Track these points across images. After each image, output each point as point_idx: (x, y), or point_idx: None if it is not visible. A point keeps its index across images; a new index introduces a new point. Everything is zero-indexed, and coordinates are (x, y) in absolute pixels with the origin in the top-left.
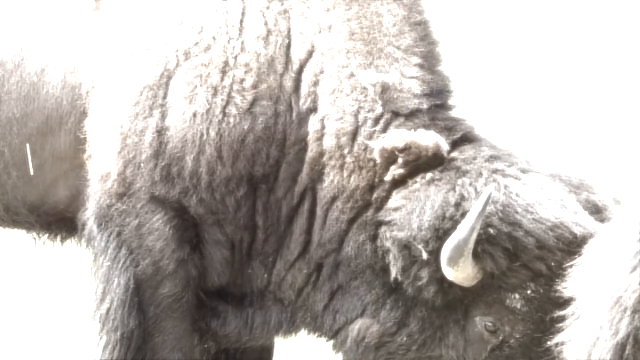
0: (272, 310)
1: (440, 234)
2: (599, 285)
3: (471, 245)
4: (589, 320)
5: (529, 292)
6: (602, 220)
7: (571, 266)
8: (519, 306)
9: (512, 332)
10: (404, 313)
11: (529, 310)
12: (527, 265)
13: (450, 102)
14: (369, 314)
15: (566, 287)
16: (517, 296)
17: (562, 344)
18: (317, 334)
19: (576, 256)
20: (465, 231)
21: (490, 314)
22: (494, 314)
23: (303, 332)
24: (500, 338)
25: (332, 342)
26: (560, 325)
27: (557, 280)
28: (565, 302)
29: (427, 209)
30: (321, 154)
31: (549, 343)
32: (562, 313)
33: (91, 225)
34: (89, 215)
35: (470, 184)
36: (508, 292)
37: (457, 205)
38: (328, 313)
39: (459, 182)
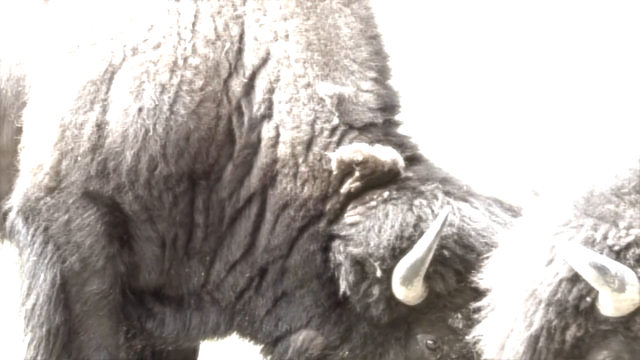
0: (210, 311)
1: (396, 253)
2: (515, 277)
3: (427, 264)
4: (504, 311)
5: (470, 312)
6: None
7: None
8: (460, 326)
9: (450, 351)
10: (347, 327)
11: (469, 330)
12: (472, 286)
13: (398, 117)
14: (314, 325)
15: (482, 278)
16: (460, 316)
17: (478, 336)
18: (250, 338)
19: None
20: (421, 251)
21: (432, 332)
22: (436, 332)
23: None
24: (438, 356)
25: (264, 347)
26: (477, 316)
27: None
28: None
29: (386, 228)
30: (274, 161)
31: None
32: (478, 304)
33: (14, 217)
34: (13, 206)
35: (427, 205)
36: (451, 312)
37: (415, 225)
38: (270, 319)
39: (416, 202)
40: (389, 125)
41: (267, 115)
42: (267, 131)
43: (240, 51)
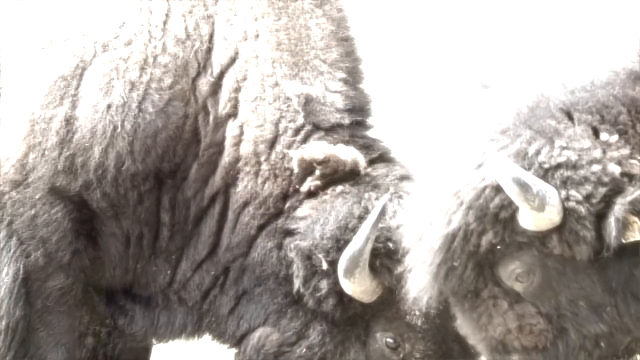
0: (177, 311)
1: (340, 245)
2: (443, 173)
3: (366, 255)
4: (427, 204)
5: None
6: None
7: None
8: (419, 323)
9: (412, 350)
10: (303, 324)
11: (430, 328)
12: None
13: (370, 120)
14: (270, 322)
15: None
16: (417, 312)
17: (400, 224)
18: (221, 341)
19: None
20: (360, 242)
21: (390, 330)
22: (395, 330)
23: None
24: (401, 356)
25: (234, 349)
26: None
27: None
28: None
29: (331, 219)
30: (237, 159)
31: None
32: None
33: None
34: None
35: (376, 198)
36: (407, 308)
37: (360, 217)
38: (233, 318)
39: (366, 195)
40: (357, 126)
41: (233, 114)
42: (231, 130)
43: (209, 50)
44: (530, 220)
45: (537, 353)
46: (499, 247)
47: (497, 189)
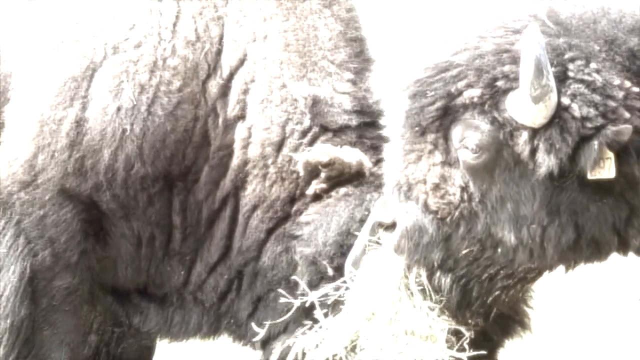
0: (192, 311)
1: (344, 250)
2: (484, 21)
3: None
4: (455, 28)
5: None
6: None
7: None
8: None
9: None
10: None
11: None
12: None
13: (381, 120)
14: (291, 331)
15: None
16: None
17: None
18: (241, 342)
19: None
20: (359, 247)
21: None
22: None
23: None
24: None
25: (259, 352)
26: None
27: None
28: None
29: (332, 225)
30: (245, 162)
31: None
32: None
33: None
34: None
35: (378, 198)
36: None
37: (362, 220)
38: (252, 323)
39: (368, 197)
40: (365, 128)
41: (241, 117)
42: (240, 132)
43: (219, 52)
44: (518, 104)
45: (433, 218)
46: (474, 108)
47: (515, 61)
